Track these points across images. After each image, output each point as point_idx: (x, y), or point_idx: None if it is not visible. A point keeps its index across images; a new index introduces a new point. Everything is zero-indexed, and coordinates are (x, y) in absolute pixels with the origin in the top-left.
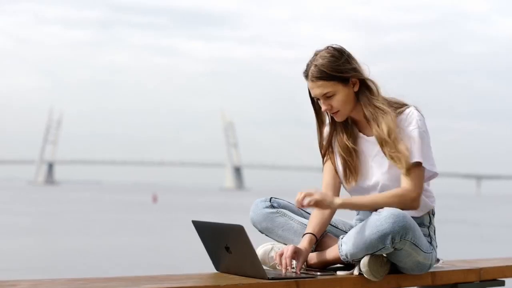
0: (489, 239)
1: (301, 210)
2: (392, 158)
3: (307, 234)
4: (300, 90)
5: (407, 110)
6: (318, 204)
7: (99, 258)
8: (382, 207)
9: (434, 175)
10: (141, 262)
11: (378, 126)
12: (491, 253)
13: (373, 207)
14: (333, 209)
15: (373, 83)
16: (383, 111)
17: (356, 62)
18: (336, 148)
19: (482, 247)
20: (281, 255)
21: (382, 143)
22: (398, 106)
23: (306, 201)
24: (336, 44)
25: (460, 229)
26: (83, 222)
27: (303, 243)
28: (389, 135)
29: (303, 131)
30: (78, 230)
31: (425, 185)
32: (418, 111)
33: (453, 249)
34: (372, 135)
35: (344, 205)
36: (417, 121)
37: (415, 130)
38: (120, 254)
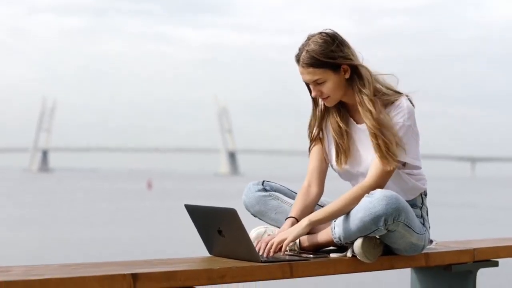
0: (483, 220)
1: (293, 193)
2: (377, 152)
3: (289, 218)
4: (293, 77)
5: (397, 101)
6: (282, 243)
7: (94, 246)
8: (352, 205)
9: (415, 167)
10: (136, 248)
11: (366, 116)
12: (485, 234)
13: (343, 210)
14: (303, 232)
15: (366, 70)
16: (371, 101)
17: (349, 48)
18: (328, 130)
19: (476, 228)
20: (279, 243)
21: (370, 132)
22: (390, 94)
23: (272, 252)
24: (329, 29)
25: (454, 211)
26: (78, 211)
27: (285, 227)
28: (374, 126)
29: (297, 116)
30: (72, 218)
31: (415, 168)
32: (409, 100)
33: (447, 230)
34: (362, 123)
35: (313, 223)
36: (404, 114)
37: (399, 123)
38: (114, 241)
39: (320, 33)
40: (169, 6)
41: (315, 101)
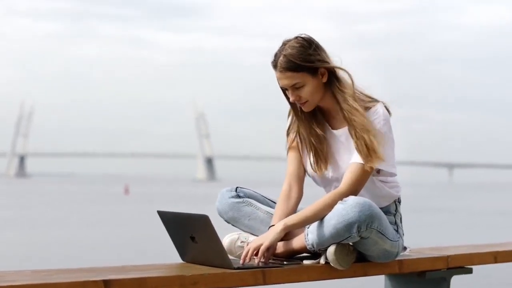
0: (460, 226)
1: (266, 199)
2: (363, 149)
3: (272, 226)
4: (271, 81)
5: (374, 108)
6: (258, 249)
7: (67, 251)
8: (326, 211)
9: (390, 173)
10: (109, 254)
11: (353, 113)
12: (461, 241)
13: (318, 215)
14: (279, 237)
15: (345, 72)
16: (355, 100)
17: (325, 52)
18: (305, 136)
19: (453, 235)
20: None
21: (358, 130)
22: (367, 101)
23: (248, 258)
24: (304, 34)
25: (430, 217)
26: (53, 215)
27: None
28: (363, 123)
29: (275, 121)
30: (47, 223)
31: (390, 175)
32: (386, 108)
33: (424, 237)
34: (338, 128)
35: (288, 227)
36: (379, 120)
37: (375, 130)
38: (89, 246)
39: (296, 37)
40: (147, 10)
41: (292, 106)
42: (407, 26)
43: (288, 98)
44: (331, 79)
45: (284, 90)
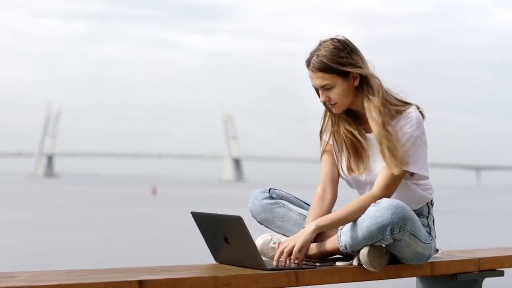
0: (489, 229)
1: (299, 201)
2: (384, 157)
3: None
4: (298, 84)
5: (406, 112)
6: (291, 250)
7: (99, 251)
8: (359, 214)
9: (424, 177)
10: (141, 254)
11: (372, 124)
12: (490, 243)
13: (350, 217)
14: (311, 237)
15: (376, 79)
16: (378, 110)
17: (360, 57)
18: (340, 137)
19: (482, 237)
20: (282, 249)
21: (377, 139)
22: (400, 105)
23: (283, 261)
24: (341, 36)
25: (460, 219)
26: (82, 216)
27: None
28: (380, 133)
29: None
30: (77, 223)
31: (423, 178)
32: (420, 111)
33: (453, 239)
34: (371, 132)
35: (320, 227)
36: (412, 124)
37: (408, 133)
38: (120, 247)
39: (332, 39)
40: (174, 11)
41: (326, 107)
42: (432, 29)
43: (320, 97)
44: (362, 84)
45: (316, 89)
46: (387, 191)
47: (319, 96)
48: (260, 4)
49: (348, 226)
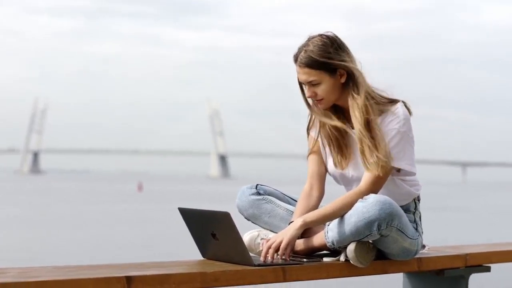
0: (476, 225)
1: (287, 197)
2: (362, 156)
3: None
4: (288, 80)
5: (393, 108)
6: (278, 246)
7: (86, 247)
8: (346, 209)
9: (410, 173)
10: (128, 251)
11: (354, 121)
12: (477, 239)
13: (337, 213)
14: (298, 233)
15: (361, 76)
16: (362, 107)
17: (347, 53)
18: (327, 134)
19: (469, 233)
20: (269, 245)
21: (357, 137)
22: (386, 102)
23: (270, 256)
24: (330, 32)
25: (446, 215)
26: (68, 212)
27: None
28: (360, 132)
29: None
30: (63, 220)
31: (410, 174)
32: (406, 107)
33: (440, 235)
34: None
35: (307, 223)
36: (399, 120)
37: (394, 130)
38: (106, 243)
39: (320, 35)
40: (164, 8)
41: (307, 103)
42: (424, 26)
43: (304, 94)
44: (348, 81)
45: (301, 85)
46: (374, 187)
47: (302, 91)
48: (250, 0)
49: (335, 222)
